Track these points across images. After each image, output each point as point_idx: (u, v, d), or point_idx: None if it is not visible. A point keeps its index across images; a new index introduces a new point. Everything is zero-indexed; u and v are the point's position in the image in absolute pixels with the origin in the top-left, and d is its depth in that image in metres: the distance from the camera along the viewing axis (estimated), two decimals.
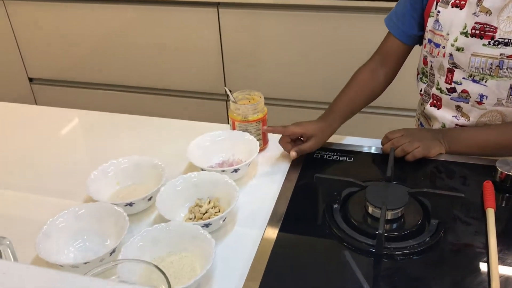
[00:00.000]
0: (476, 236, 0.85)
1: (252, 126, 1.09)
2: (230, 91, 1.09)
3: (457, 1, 1.02)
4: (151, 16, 1.99)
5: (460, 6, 1.01)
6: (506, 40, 0.97)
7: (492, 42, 0.98)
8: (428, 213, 0.88)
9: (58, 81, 2.30)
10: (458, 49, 1.02)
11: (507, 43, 0.97)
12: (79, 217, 0.88)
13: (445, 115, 1.12)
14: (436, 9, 1.06)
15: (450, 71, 1.06)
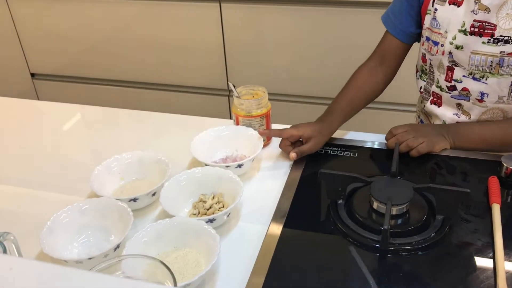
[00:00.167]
0: (482, 232, 0.84)
1: (256, 121, 1.08)
2: (234, 86, 1.09)
3: None
4: (153, 12, 1.99)
5: (458, 3, 1.00)
6: (506, 38, 0.96)
7: (492, 40, 0.97)
8: (433, 209, 0.87)
9: (60, 77, 2.30)
10: (458, 47, 1.01)
11: (507, 41, 0.96)
12: (83, 213, 0.88)
13: (446, 113, 1.11)
14: (433, 7, 1.04)
15: (450, 69, 1.05)
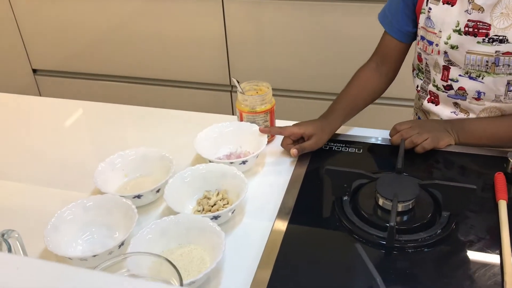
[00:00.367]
0: (488, 228, 0.84)
1: (260, 118, 1.08)
2: (238, 82, 1.08)
3: None
4: (156, 7, 1.98)
5: (452, 3, 0.99)
6: (501, 37, 0.95)
7: (487, 40, 0.97)
8: (439, 205, 0.87)
9: (62, 72, 2.29)
10: (453, 47, 1.01)
11: (502, 40, 0.95)
12: (87, 210, 0.88)
13: (444, 112, 1.11)
14: (427, 6, 1.04)
15: (446, 68, 1.05)
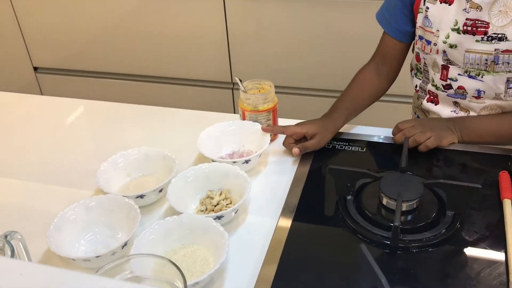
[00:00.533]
0: (493, 228, 0.83)
1: (263, 116, 1.07)
2: (240, 81, 1.08)
3: None
4: (157, 4, 1.97)
5: (449, 2, 0.99)
6: (500, 35, 0.95)
7: (486, 38, 0.96)
8: (443, 205, 0.86)
9: (63, 70, 2.29)
10: (451, 46, 1.00)
11: (501, 38, 0.95)
12: (90, 210, 0.87)
13: (443, 111, 1.10)
14: (425, 5, 1.03)
15: (445, 68, 1.04)
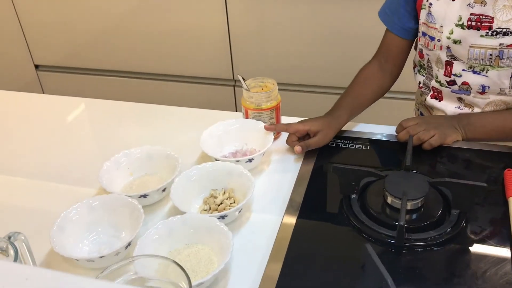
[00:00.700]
0: (499, 226, 0.83)
1: (266, 115, 1.07)
2: (243, 79, 1.07)
3: None
4: (158, 2, 1.96)
5: None
6: (505, 30, 0.94)
7: (490, 33, 0.95)
8: (448, 203, 0.86)
9: (65, 68, 2.28)
10: (455, 42, 0.99)
11: (506, 33, 0.94)
12: (93, 209, 0.87)
13: (447, 107, 1.09)
14: (428, 1, 1.02)
15: (449, 64, 1.04)
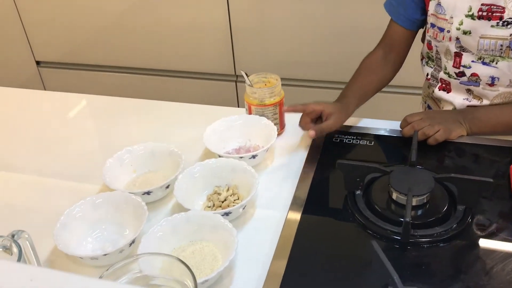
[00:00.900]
0: (505, 222, 0.82)
1: (269, 110, 1.06)
2: (246, 74, 1.06)
3: None
4: None
5: None
6: None
7: (501, 23, 0.95)
8: (454, 199, 0.85)
9: (66, 64, 2.27)
10: (465, 33, 0.98)
11: None
12: (97, 207, 0.87)
13: (456, 98, 1.09)
14: None
15: (458, 55, 1.03)
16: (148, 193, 0.90)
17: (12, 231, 0.69)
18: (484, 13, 0.95)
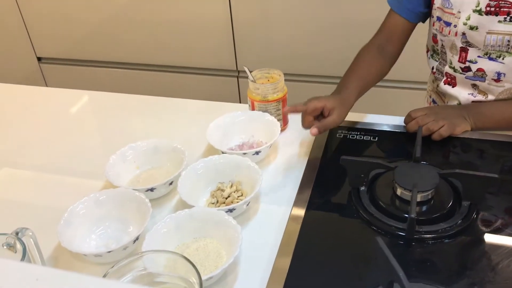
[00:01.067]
0: (510, 218, 0.82)
1: (272, 106, 1.06)
2: (249, 70, 1.06)
3: None
4: None
5: None
6: None
7: (508, 18, 0.94)
8: (459, 195, 0.85)
9: (67, 60, 2.27)
10: (472, 28, 0.98)
11: None
12: (100, 204, 0.86)
13: (461, 93, 1.08)
14: None
15: (464, 50, 1.02)
16: (152, 190, 0.89)
17: (16, 229, 0.69)
18: (492, 9, 0.95)
